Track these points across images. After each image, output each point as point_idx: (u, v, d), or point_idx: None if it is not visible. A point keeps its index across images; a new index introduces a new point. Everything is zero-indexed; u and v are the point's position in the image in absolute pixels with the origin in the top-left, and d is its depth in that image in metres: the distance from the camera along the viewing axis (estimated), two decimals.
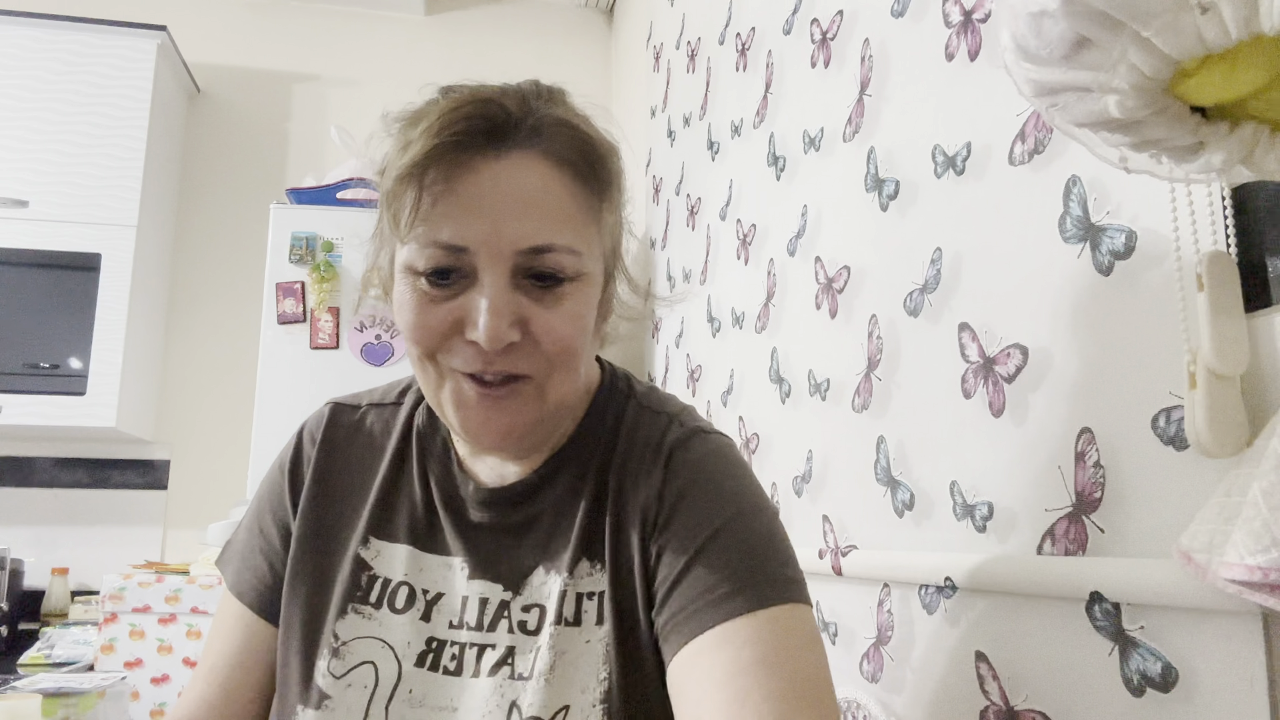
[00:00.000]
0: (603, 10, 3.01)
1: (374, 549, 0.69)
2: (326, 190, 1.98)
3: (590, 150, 0.64)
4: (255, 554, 0.73)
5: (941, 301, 0.88)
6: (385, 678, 0.64)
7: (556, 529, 0.67)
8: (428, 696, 0.63)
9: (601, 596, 0.63)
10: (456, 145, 0.59)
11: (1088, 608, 0.64)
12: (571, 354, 0.62)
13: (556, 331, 0.60)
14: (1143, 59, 0.41)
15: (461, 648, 0.65)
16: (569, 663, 0.62)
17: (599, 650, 0.62)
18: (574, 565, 0.65)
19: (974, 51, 0.85)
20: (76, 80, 2.31)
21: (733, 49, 1.61)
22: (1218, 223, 0.57)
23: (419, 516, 0.69)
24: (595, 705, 0.60)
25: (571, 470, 0.68)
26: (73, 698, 1.41)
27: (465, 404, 0.61)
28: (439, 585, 0.67)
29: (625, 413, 0.71)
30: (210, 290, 2.61)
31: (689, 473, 0.65)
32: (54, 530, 2.40)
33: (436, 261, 0.59)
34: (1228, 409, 0.54)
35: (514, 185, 0.59)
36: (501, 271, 0.59)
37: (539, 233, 0.59)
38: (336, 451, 0.73)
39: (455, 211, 0.59)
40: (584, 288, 0.62)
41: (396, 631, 0.65)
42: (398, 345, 1.89)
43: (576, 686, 0.61)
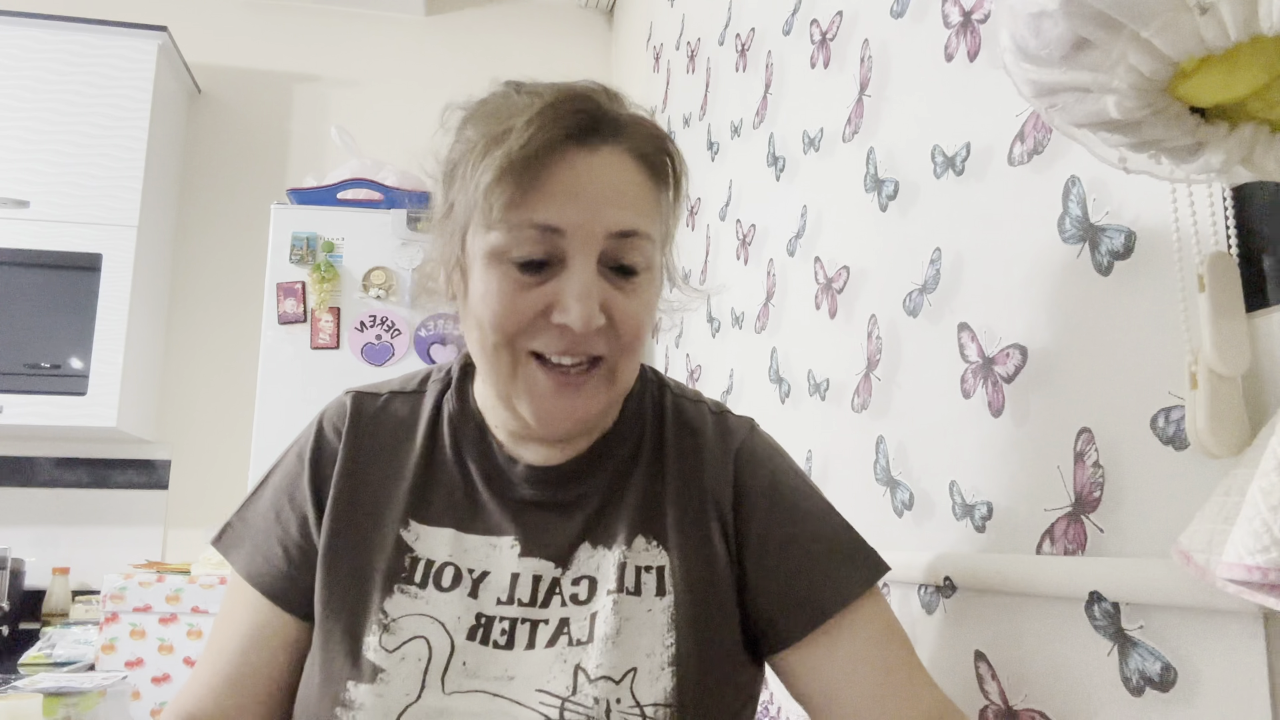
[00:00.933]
0: (603, 10, 3.01)
1: (414, 532, 0.70)
2: (327, 190, 1.98)
3: (662, 148, 0.68)
4: (270, 541, 0.73)
5: (941, 301, 0.88)
6: (438, 651, 0.65)
7: (607, 506, 0.71)
8: (482, 667, 0.64)
9: (661, 571, 0.67)
10: (554, 138, 0.62)
11: (1087, 607, 0.64)
12: (642, 341, 0.67)
13: (635, 319, 0.65)
14: (1142, 59, 0.41)
15: (513, 623, 0.66)
16: (633, 629, 0.65)
17: (662, 620, 0.65)
18: (631, 540, 0.68)
19: (973, 52, 0.85)
20: (77, 80, 2.31)
21: (732, 49, 1.62)
22: (1218, 223, 0.57)
23: (459, 499, 0.71)
24: (664, 668, 0.63)
25: (620, 452, 0.72)
26: (74, 697, 1.41)
27: (540, 393, 0.65)
28: (484, 564, 0.69)
29: (664, 401, 0.76)
30: (211, 290, 2.61)
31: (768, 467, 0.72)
32: (55, 530, 2.40)
33: (531, 243, 0.62)
34: (1228, 409, 0.54)
35: (606, 175, 0.64)
36: (591, 256, 0.63)
37: (628, 219, 0.64)
38: (364, 438, 0.74)
39: (551, 197, 0.62)
40: (653, 279, 0.68)
41: (444, 608, 0.67)
42: (398, 345, 1.89)
43: (642, 650, 0.64)
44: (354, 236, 1.91)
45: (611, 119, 0.66)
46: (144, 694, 1.92)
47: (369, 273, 1.90)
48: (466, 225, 0.66)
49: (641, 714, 0.62)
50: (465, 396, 0.75)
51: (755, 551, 0.69)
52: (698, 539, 0.69)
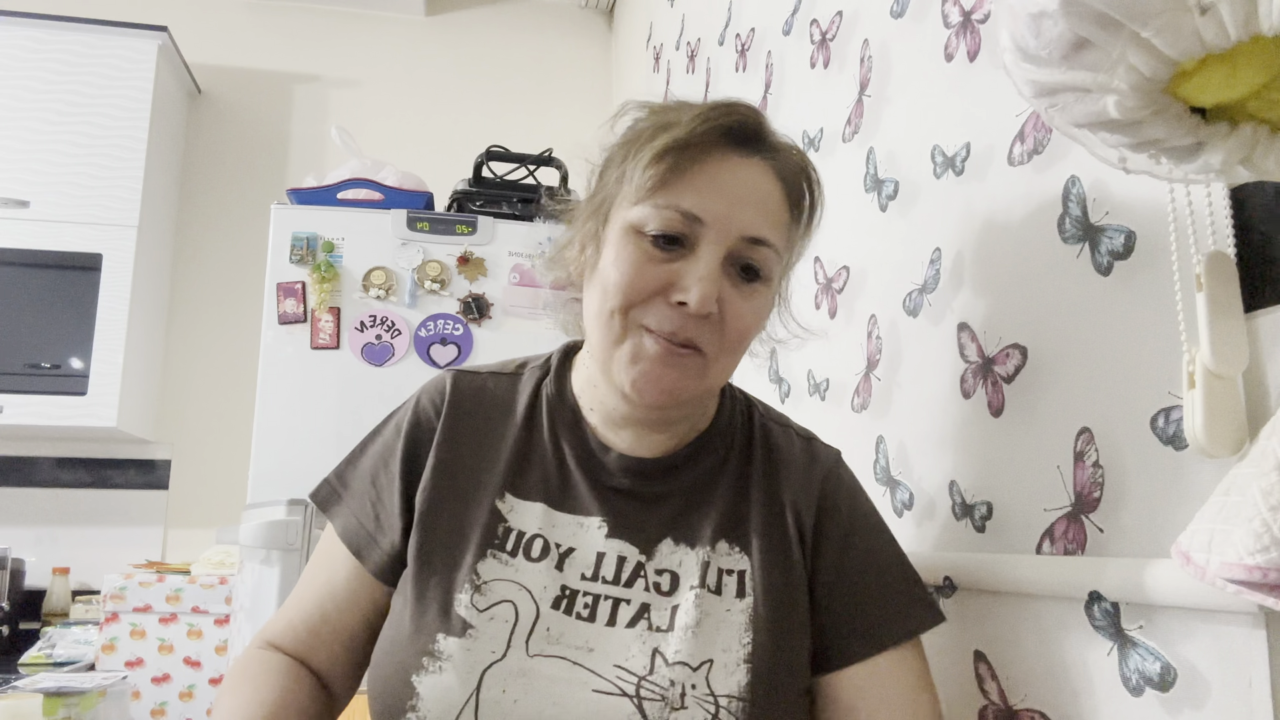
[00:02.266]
0: (603, 11, 3.01)
1: (509, 504, 0.73)
2: (327, 190, 1.98)
3: (808, 179, 0.74)
4: (365, 504, 0.77)
5: (941, 301, 0.88)
6: (524, 615, 0.68)
7: (690, 507, 0.74)
8: (564, 636, 0.67)
9: (743, 575, 0.71)
10: (716, 136, 0.69)
11: (1087, 607, 0.64)
12: (743, 344, 0.71)
13: (743, 320, 0.69)
14: (1142, 59, 0.41)
15: (595, 599, 0.69)
16: (712, 624, 0.68)
17: (740, 619, 0.68)
18: (715, 543, 0.72)
19: (973, 52, 0.85)
20: (77, 81, 2.31)
21: (732, 50, 1.62)
22: (1217, 223, 0.57)
23: (552, 477, 0.75)
24: (740, 663, 0.66)
25: (709, 458, 0.76)
26: (74, 697, 1.41)
27: (643, 357, 0.68)
28: (571, 540, 0.72)
29: (752, 418, 0.80)
30: (211, 290, 2.61)
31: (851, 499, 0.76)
32: (55, 530, 2.40)
33: (671, 224, 0.67)
34: (1227, 409, 0.54)
35: (752, 182, 0.69)
36: (720, 250, 0.67)
37: (762, 227, 0.69)
38: (462, 414, 0.78)
39: (700, 187, 0.68)
40: (768, 292, 0.72)
41: (532, 577, 0.70)
42: (398, 345, 1.89)
43: (719, 645, 0.67)
44: (354, 236, 1.91)
45: (769, 136, 0.72)
46: (144, 694, 1.92)
47: (369, 273, 1.90)
48: (613, 201, 0.71)
49: (715, 703, 0.64)
50: (564, 382, 0.79)
51: (830, 573, 0.73)
52: (779, 550, 0.72)
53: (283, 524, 1.16)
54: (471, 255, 1.96)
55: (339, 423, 1.82)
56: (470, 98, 2.85)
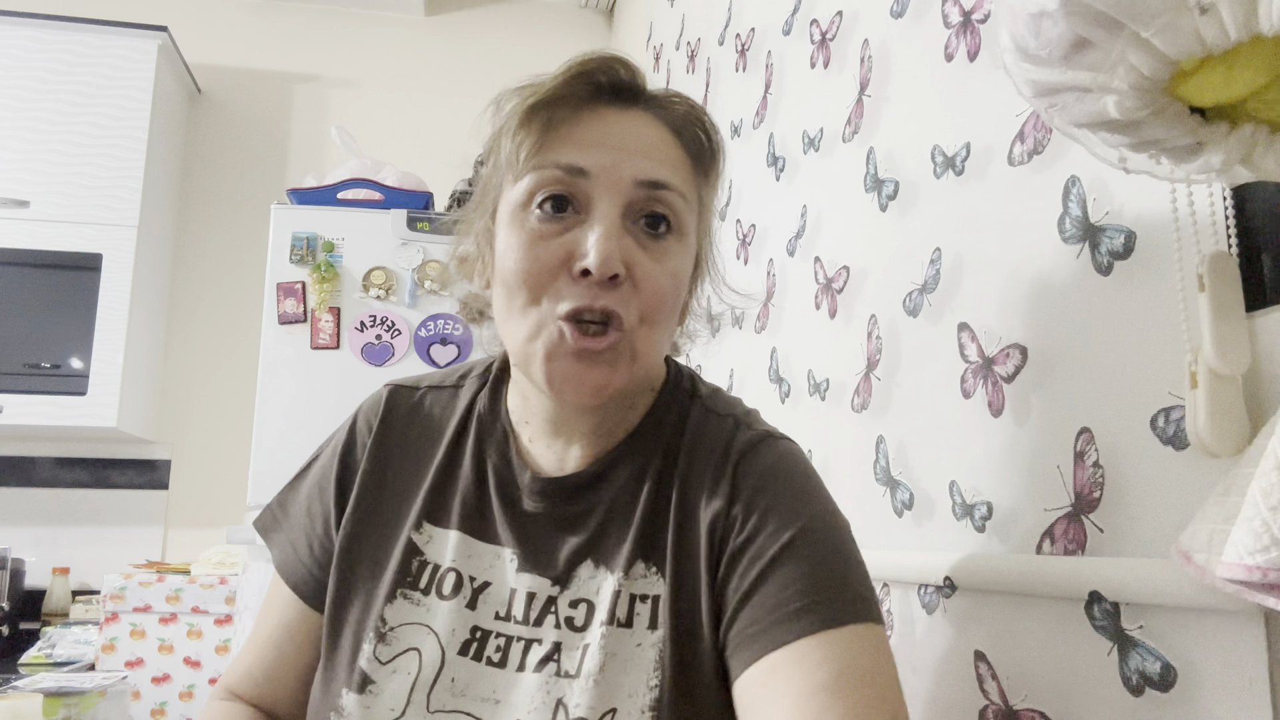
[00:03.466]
0: (603, 11, 3.01)
1: (426, 534, 0.68)
2: (327, 190, 1.98)
3: (704, 128, 0.66)
4: (300, 536, 0.73)
5: (941, 301, 0.88)
6: (428, 664, 0.63)
7: (610, 525, 0.66)
8: (470, 686, 0.62)
9: (656, 600, 0.62)
10: (586, 90, 0.62)
11: (1087, 607, 0.64)
12: (664, 310, 0.62)
13: (657, 281, 0.61)
14: (1142, 60, 0.41)
15: (508, 640, 0.63)
16: (618, 665, 0.60)
17: (651, 655, 0.60)
18: (630, 566, 0.63)
19: (973, 52, 0.85)
20: (77, 81, 2.31)
21: (732, 50, 1.62)
22: (1218, 223, 0.57)
23: (470, 502, 0.68)
24: (644, 711, 0.58)
25: (630, 465, 0.67)
26: (74, 697, 1.42)
27: (560, 354, 0.60)
28: (486, 574, 0.66)
29: (690, 413, 0.70)
30: (211, 290, 2.61)
31: (757, 481, 0.63)
32: (55, 530, 2.40)
33: (551, 183, 0.60)
34: (1228, 409, 0.54)
35: (636, 131, 0.63)
36: (616, 203, 0.60)
37: (657, 170, 0.61)
38: (393, 434, 0.72)
39: (578, 143, 0.61)
40: (684, 249, 0.64)
41: (442, 618, 0.64)
42: (398, 345, 1.89)
43: (625, 690, 0.60)
44: (354, 236, 1.91)
45: (644, 87, 0.65)
46: (144, 694, 1.92)
47: (369, 273, 1.90)
48: (498, 191, 0.65)
49: None
50: (498, 396, 0.72)
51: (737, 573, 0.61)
52: (690, 565, 0.63)
53: None
54: None
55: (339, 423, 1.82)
56: (470, 98, 2.84)
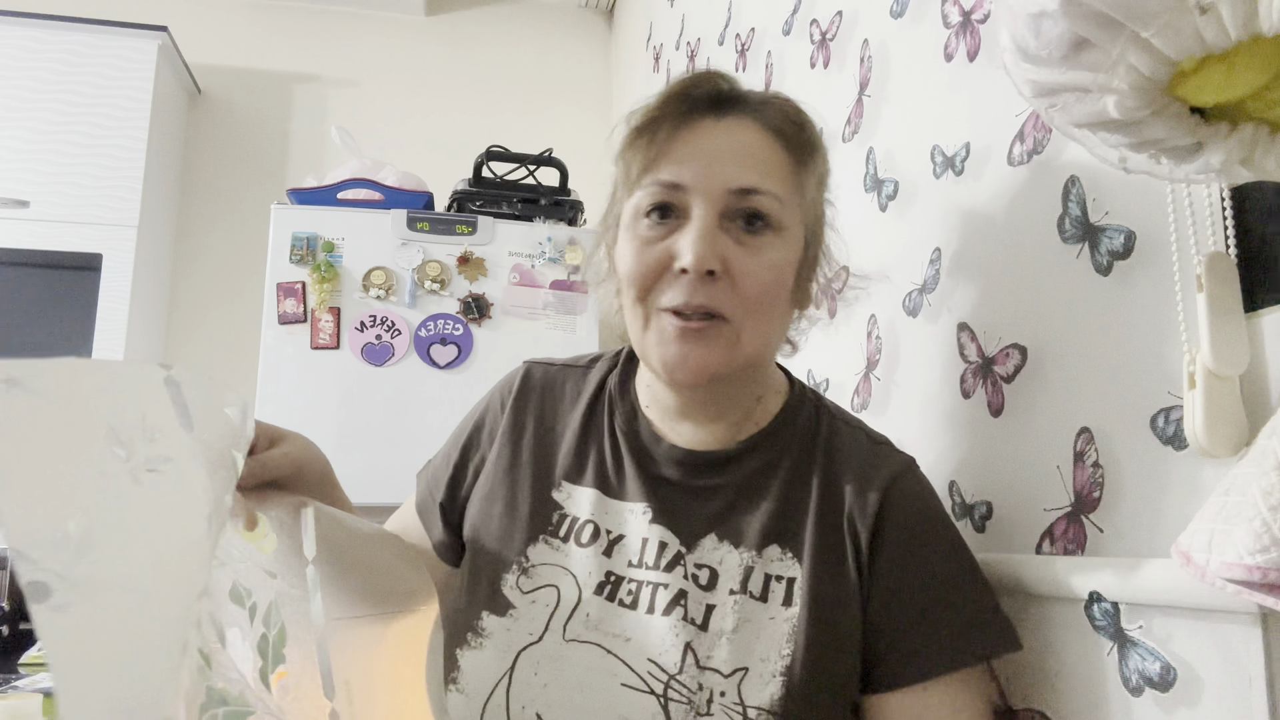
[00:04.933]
0: (603, 11, 3.01)
1: (565, 491, 0.76)
2: (327, 190, 1.98)
3: (797, 122, 0.72)
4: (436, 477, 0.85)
5: (940, 301, 0.88)
6: (566, 600, 0.69)
7: (738, 505, 0.71)
8: (603, 622, 0.67)
9: (792, 583, 0.67)
10: (684, 107, 0.70)
11: (1086, 607, 0.64)
12: (766, 302, 0.68)
13: (755, 275, 0.67)
14: (1142, 60, 0.41)
15: (639, 585, 0.69)
16: (752, 631, 0.65)
17: (784, 629, 0.65)
18: (764, 547, 0.69)
19: (973, 52, 0.85)
20: (77, 81, 2.31)
21: (732, 49, 1.62)
22: (1217, 223, 0.57)
23: (607, 465, 0.76)
24: (775, 676, 0.63)
25: (762, 456, 0.73)
26: None
27: (666, 339, 0.67)
28: (621, 527, 0.72)
29: (819, 420, 0.75)
30: (211, 290, 2.61)
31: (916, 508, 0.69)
32: None
33: (655, 198, 0.68)
34: (1227, 409, 0.54)
35: (729, 139, 0.69)
36: (711, 209, 0.67)
37: (747, 176, 0.67)
38: (529, 402, 0.82)
39: (677, 157, 0.68)
40: (784, 242, 0.69)
41: (580, 563, 0.71)
42: (398, 345, 1.89)
43: (757, 654, 0.64)
44: (354, 236, 1.91)
45: (740, 93, 0.72)
46: None
47: (369, 273, 1.90)
48: (620, 207, 0.73)
49: (743, 713, 0.62)
50: (628, 377, 0.81)
51: (885, 589, 0.67)
52: (832, 559, 0.68)
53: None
54: (471, 255, 1.96)
55: (339, 423, 1.82)
56: (470, 98, 2.85)
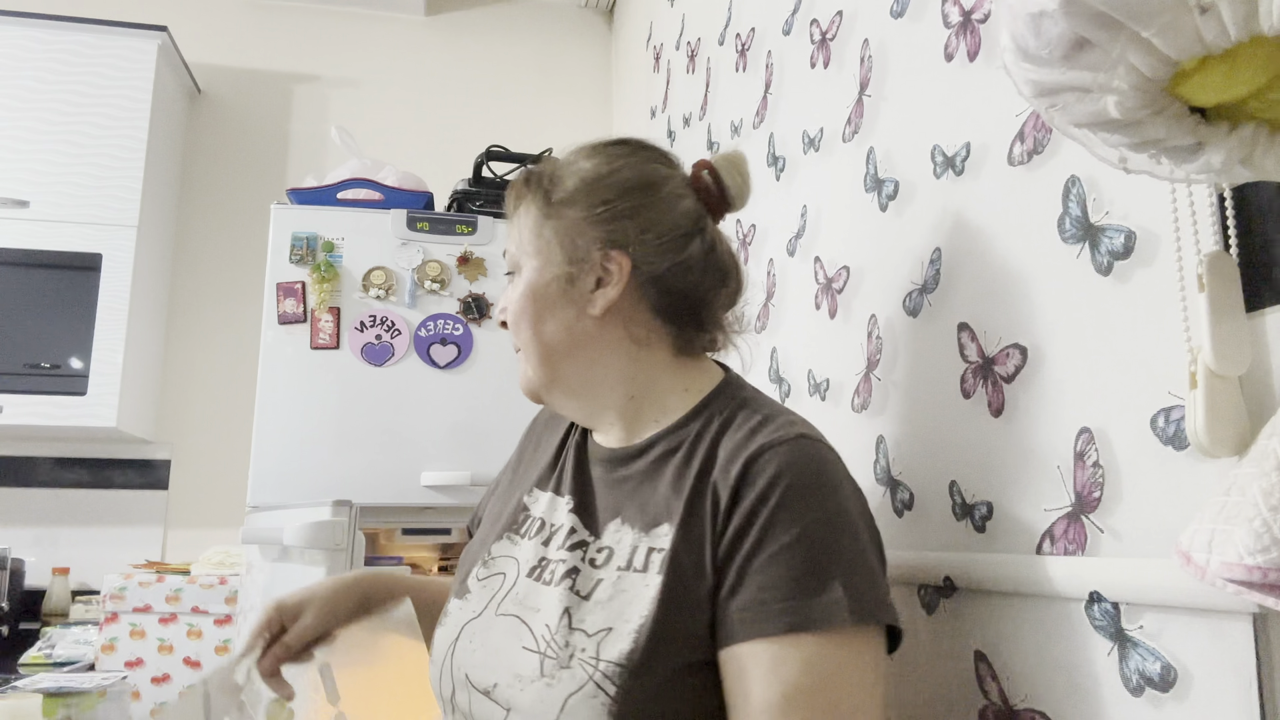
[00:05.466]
0: (603, 11, 3.01)
1: (534, 496, 0.89)
2: (327, 190, 1.98)
3: (526, 178, 0.88)
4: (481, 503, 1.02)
5: (940, 301, 0.88)
6: (508, 583, 0.81)
7: (640, 492, 0.79)
8: (526, 598, 0.78)
9: (664, 553, 0.72)
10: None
11: (1087, 607, 0.64)
12: (516, 318, 0.84)
13: (508, 309, 0.86)
14: (1142, 59, 0.41)
15: (554, 564, 0.79)
16: (626, 600, 0.71)
17: (649, 594, 0.70)
18: (653, 527, 0.75)
19: (973, 52, 0.85)
20: (77, 80, 2.31)
21: (732, 49, 1.62)
22: (1218, 223, 0.57)
23: (562, 471, 0.88)
24: (631, 634, 0.69)
25: (665, 446, 0.80)
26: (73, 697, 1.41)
27: None
28: (555, 519, 0.84)
29: (728, 408, 0.80)
30: (211, 290, 2.61)
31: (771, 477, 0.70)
32: (54, 530, 2.40)
33: None
34: (1228, 409, 0.54)
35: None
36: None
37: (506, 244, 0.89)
38: (537, 426, 1.00)
39: None
40: (523, 275, 0.84)
41: (524, 552, 0.83)
42: (398, 345, 1.89)
43: (623, 617, 0.70)
44: (354, 236, 1.91)
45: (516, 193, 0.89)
46: (144, 694, 1.92)
47: (369, 273, 1.90)
48: None
49: (596, 666, 0.68)
50: None
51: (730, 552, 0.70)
52: (696, 529, 0.72)
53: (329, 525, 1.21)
54: (471, 255, 1.96)
55: (339, 423, 1.82)
56: (470, 98, 2.85)
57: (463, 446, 1.84)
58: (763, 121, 1.44)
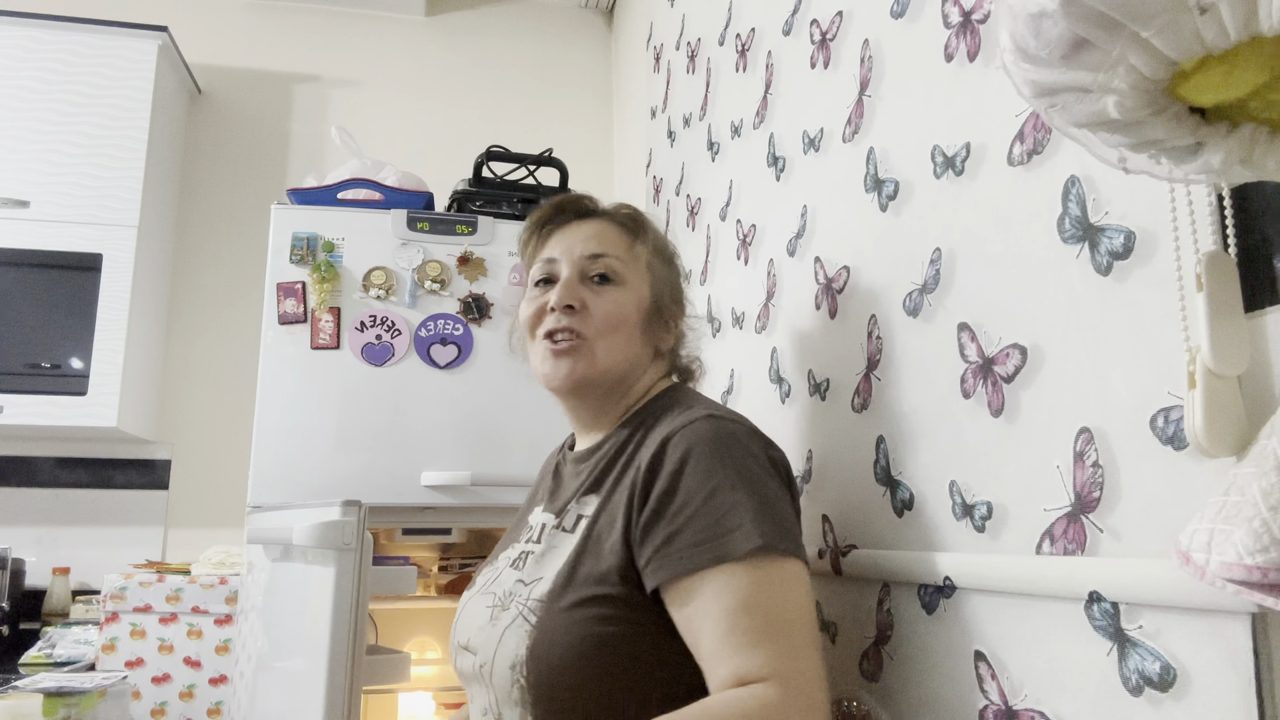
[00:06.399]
0: (603, 11, 3.01)
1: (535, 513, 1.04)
2: (327, 190, 1.98)
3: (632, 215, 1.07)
4: None
5: (940, 301, 0.88)
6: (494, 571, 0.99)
7: (592, 476, 0.96)
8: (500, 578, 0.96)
9: (586, 517, 0.91)
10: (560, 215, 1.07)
11: (1086, 607, 0.64)
12: (611, 326, 0.98)
13: (603, 307, 0.98)
14: (1142, 60, 0.41)
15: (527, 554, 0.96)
16: (555, 555, 0.91)
17: (570, 549, 0.89)
18: (583, 496, 0.95)
19: (973, 52, 0.85)
20: (77, 81, 2.31)
21: (732, 50, 1.62)
22: (1217, 223, 0.57)
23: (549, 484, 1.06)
24: (554, 578, 0.87)
25: (614, 440, 0.98)
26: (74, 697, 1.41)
27: (544, 359, 0.99)
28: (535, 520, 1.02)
29: (667, 405, 0.97)
30: (211, 290, 2.61)
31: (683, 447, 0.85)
32: (55, 530, 2.40)
33: (541, 272, 1.03)
34: (1227, 409, 0.54)
35: (587, 229, 1.04)
36: (573, 270, 1.00)
37: (596, 245, 1.02)
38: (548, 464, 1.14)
39: (553, 244, 1.05)
40: (625, 291, 1.00)
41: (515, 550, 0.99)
42: (398, 345, 1.89)
43: (551, 568, 0.89)
44: (354, 236, 1.91)
45: (597, 207, 1.08)
46: (144, 694, 1.92)
47: (369, 273, 1.90)
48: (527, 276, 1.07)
49: (526, 604, 0.86)
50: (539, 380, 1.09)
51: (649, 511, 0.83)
52: (616, 495, 0.89)
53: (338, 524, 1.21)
54: (471, 255, 1.95)
55: (339, 423, 1.82)
56: (470, 98, 2.85)
57: (463, 446, 1.84)
58: (763, 122, 1.44)
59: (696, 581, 0.78)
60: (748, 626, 0.75)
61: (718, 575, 0.77)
